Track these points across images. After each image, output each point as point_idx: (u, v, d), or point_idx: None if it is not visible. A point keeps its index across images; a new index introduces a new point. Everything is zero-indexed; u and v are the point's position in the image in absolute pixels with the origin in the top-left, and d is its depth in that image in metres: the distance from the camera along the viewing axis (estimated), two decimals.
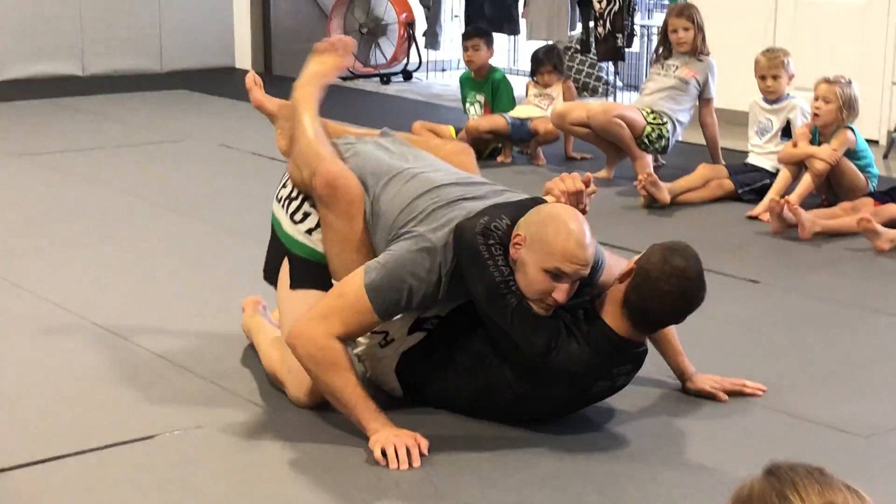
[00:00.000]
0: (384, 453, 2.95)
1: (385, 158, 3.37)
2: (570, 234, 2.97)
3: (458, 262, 3.03)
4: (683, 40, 6.29)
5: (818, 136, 5.60)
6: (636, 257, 3.10)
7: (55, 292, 4.33)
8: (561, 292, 2.97)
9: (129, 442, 3.11)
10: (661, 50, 6.45)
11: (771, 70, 5.86)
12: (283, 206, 3.47)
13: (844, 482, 1.44)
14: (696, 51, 6.32)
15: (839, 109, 5.45)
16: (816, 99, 5.50)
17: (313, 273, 3.33)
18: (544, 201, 3.20)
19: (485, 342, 3.10)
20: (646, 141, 6.23)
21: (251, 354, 3.73)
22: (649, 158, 6.22)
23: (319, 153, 3.34)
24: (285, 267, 3.41)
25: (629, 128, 6.15)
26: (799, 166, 5.60)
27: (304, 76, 3.64)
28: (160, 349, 3.78)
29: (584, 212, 3.18)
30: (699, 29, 6.32)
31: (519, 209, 3.09)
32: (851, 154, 5.53)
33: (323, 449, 3.07)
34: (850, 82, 5.50)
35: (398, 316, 3.15)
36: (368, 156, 3.38)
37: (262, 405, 3.36)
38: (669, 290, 2.97)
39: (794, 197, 5.37)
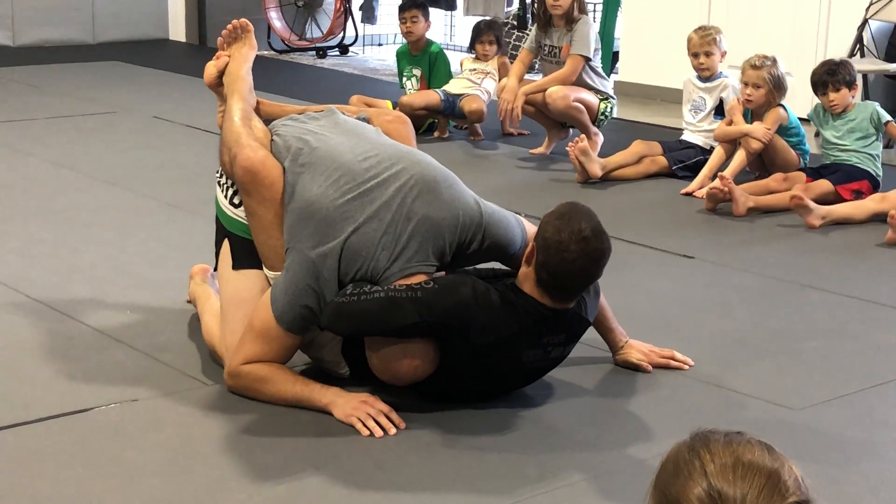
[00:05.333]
0: (364, 425, 3.02)
1: (308, 138, 3.34)
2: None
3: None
4: (559, 3, 6.11)
5: (751, 114, 5.66)
6: (533, 232, 3.12)
7: None
8: None
9: (64, 415, 3.09)
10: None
11: (703, 47, 5.91)
12: (222, 189, 3.48)
13: (761, 441, 1.49)
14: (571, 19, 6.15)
15: (769, 92, 5.53)
16: (746, 85, 5.56)
17: (255, 253, 3.33)
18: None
19: None
20: (601, 119, 6.26)
21: (190, 327, 3.71)
22: (601, 138, 6.23)
23: (240, 139, 3.34)
24: (226, 248, 3.41)
25: (586, 110, 6.16)
26: (733, 143, 5.66)
27: (228, 70, 3.67)
28: (96, 323, 3.74)
29: None
30: None
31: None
32: (784, 130, 5.61)
33: (261, 423, 3.07)
34: (774, 61, 5.57)
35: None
36: (291, 135, 3.37)
37: (200, 379, 3.35)
38: (573, 256, 2.98)
39: (728, 173, 5.43)
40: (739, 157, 5.58)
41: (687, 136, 6.07)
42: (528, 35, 8.82)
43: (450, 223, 3.14)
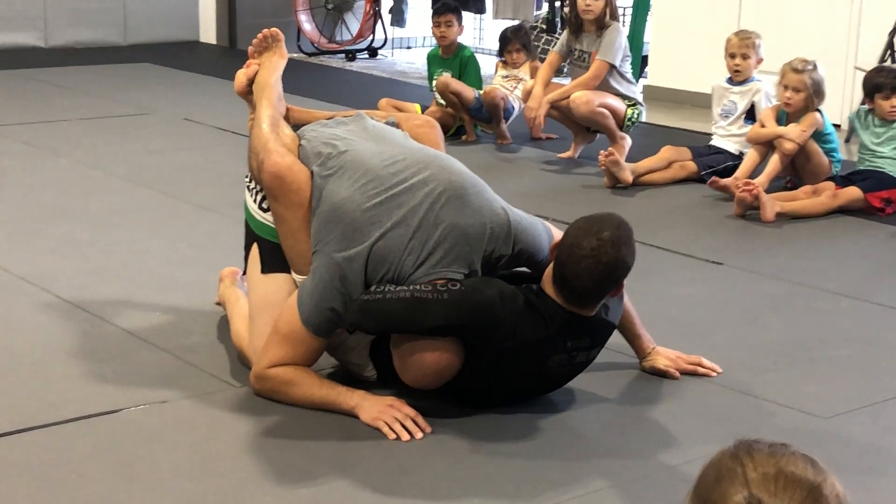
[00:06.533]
0: (390, 428, 3.02)
1: (335, 143, 3.34)
2: None
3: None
4: (591, 8, 6.12)
5: (786, 118, 5.63)
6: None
7: (19, 265, 4.30)
8: None
9: (93, 416, 3.10)
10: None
11: (741, 49, 5.89)
12: (251, 194, 3.48)
13: (806, 454, 1.48)
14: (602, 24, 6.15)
15: (809, 97, 5.50)
16: (786, 88, 5.53)
17: (283, 257, 3.33)
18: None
19: None
20: (628, 124, 6.24)
21: (219, 329, 3.73)
22: (629, 141, 6.22)
23: (267, 145, 3.35)
24: (255, 252, 3.42)
25: (612, 115, 6.15)
26: (767, 147, 5.63)
27: (258, 78, 3.69)
28: (126, 324, 3.76)
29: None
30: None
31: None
32: (818, 136, 5.58)
33: (287, 426, 3.08)
34: (815, 66, 5.54)
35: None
36: (318, 140, 3.37)
37: (228, 381, 3.36)
38: (583, 254, 2.95)
39: (762, 178, 5.41)
40: (773, 162, 5.55)
41: (716, 142, 6.05)
42: (557, 39, 8.82)
43: (477, 231, 3.13)
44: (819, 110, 5.55)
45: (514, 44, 6.95)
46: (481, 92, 6.77)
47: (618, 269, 3.01)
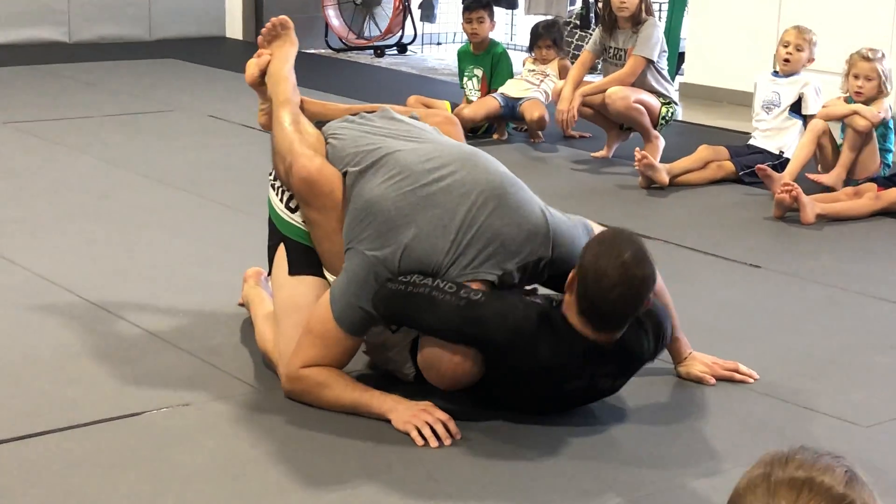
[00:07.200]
0: (420, 434, 3.01)
1: (368, 141, 3.34)
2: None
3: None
4: (626, 5, 6.12)
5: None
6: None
7: (41, 265, 4.33)
8: None
9: (115, 419, 3.12)
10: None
11: (797, 40, 5.86)
12: (276, 192, 3.47)
13: (850, 468, 1.42)
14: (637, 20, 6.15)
15: (880, 85, 5.50)
16: (856, 78, 5.52)
17: (311, 259, 3.34)
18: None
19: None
20: (662, 123, 6.23)
21: (243, 331, 3.74)
22: (662, 141, 6.20)
23: (293, 148, 3.34)
24: (282, 252, 3.41)
25: (647, 112, 6.13)
26: (815, 146, 5.60)
27: (270, 69, 3.69)
28: (148, 325, 3.78)
29: None
30: None
31: None
32: (877, 130, 5.56)
33: (314, 430, 3.08)
34: (883, 54, 5.56)
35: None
36: (349, 137, 3.37)
37: (252, 384, 3.36)
38: (612, 283, 2.89)
39: (830, 178, 5.44)
40: (845, 152, 5.51)
41: (755, 141, 6.02)
42: (590, 35, 8.80)
43: (513, 232, 3.11)
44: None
45: (544, 40, 6.94)
46: (511, 94, 6.74)
47: (647, 286, 2.96)
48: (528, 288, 3.32)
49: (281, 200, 3.44)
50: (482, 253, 3.09)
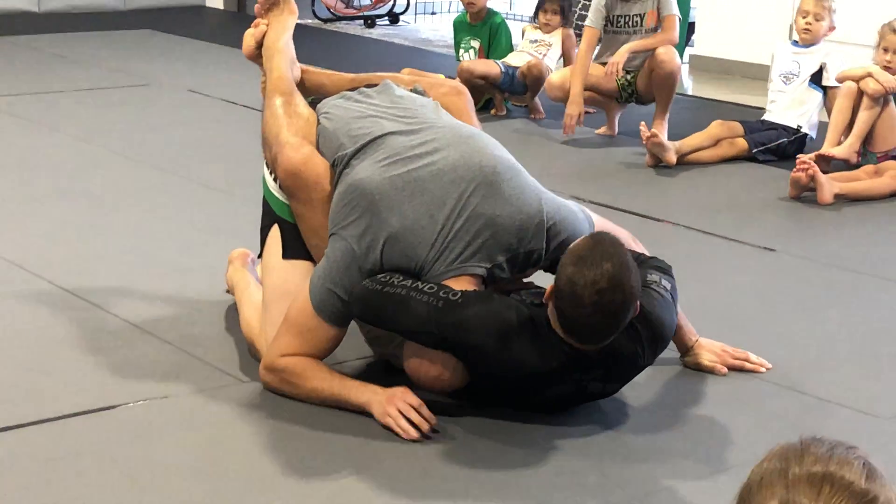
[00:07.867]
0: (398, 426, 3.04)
1: (360, 124, 3.34)
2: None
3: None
4: None
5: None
6: (602, 226, 3.15)
7: (10, 249, 4.34)
8: None
9: (90, 412, 3.13)
10: None
11: (816, 8, 5.86)
12: (271, 173, 3.47)
13: (868, 462, 1.43)
14: None
15: None
16: (886, 51, 5.52)
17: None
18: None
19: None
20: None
21: (226, 319, 3.75)
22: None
23: (279, 136, 3.35)
24: (275, 234, 3.42)
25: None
26: (851, 110, 5.58)
27: (266, 41, 3.68)
28: (124, 313, 3.79)
29: None
30: None
31: None
32: None
33: (299, 423, 3.10)
34: None
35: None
36: (342, 118, 3.37)
37: (235, 375, 3.38)
38: (588, 312, 2.89)
39: (855, 137, 5.44)
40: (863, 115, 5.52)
41: (770, 116, 6.03)
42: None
43: (504, 223, 3.11)
44: None
45: (551, 4, 6.88)
46: (512, 63, 6.75)
47: (627, 309, 2.93)
48: (525, 280, 3.33)
49: (275, 179, 3.44)
50: (471, 245, 3.09)
